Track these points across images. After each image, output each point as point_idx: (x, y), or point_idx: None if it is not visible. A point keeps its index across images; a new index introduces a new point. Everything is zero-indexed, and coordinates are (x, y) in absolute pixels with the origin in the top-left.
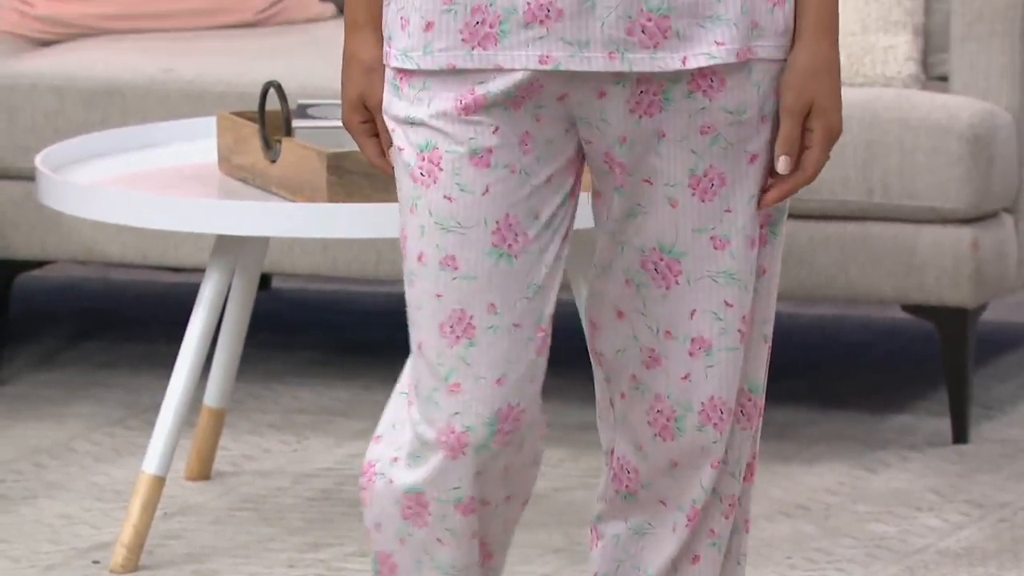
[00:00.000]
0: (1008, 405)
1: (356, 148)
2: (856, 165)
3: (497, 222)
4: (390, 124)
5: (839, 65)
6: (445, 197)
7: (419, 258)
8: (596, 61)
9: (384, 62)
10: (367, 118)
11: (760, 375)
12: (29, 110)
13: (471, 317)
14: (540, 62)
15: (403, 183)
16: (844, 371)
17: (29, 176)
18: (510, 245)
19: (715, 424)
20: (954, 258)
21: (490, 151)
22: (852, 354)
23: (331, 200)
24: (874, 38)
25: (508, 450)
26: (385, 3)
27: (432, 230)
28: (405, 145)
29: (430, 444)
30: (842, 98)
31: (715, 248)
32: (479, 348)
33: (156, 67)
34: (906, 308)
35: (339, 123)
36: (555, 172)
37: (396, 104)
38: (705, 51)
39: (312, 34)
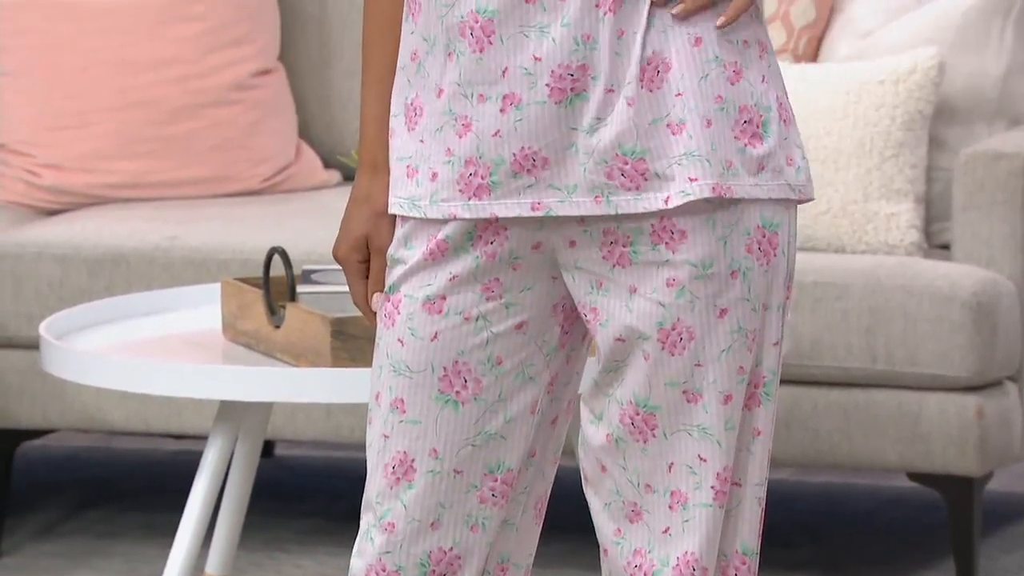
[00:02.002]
0: None
1: (360, 313)
2: (859, 332)
3: (445, 368)
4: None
5: None
6: (398, 340)
7: (376, 397)
8: (584, 205)
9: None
10: (365, 258)
11: (753, 538)
12: (34, 279)
13: (412, 461)
14: (532, 209)
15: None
16: (849, 540)
17: (34, 345)
18: (458, 392)
19: None
20: (959, 426)
21: (443, 298)
22: (857, 522)
23: (335, 365)
24: (876, 206)
25: None
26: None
27: (387, 372)
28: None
29: None
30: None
31: (688, 402)
32: (416, 491)
33: (160, 235)
34: (911, 476)
35: (344, 288)
36: (529, 320)
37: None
38: (681, 188)
39: (317, 201)
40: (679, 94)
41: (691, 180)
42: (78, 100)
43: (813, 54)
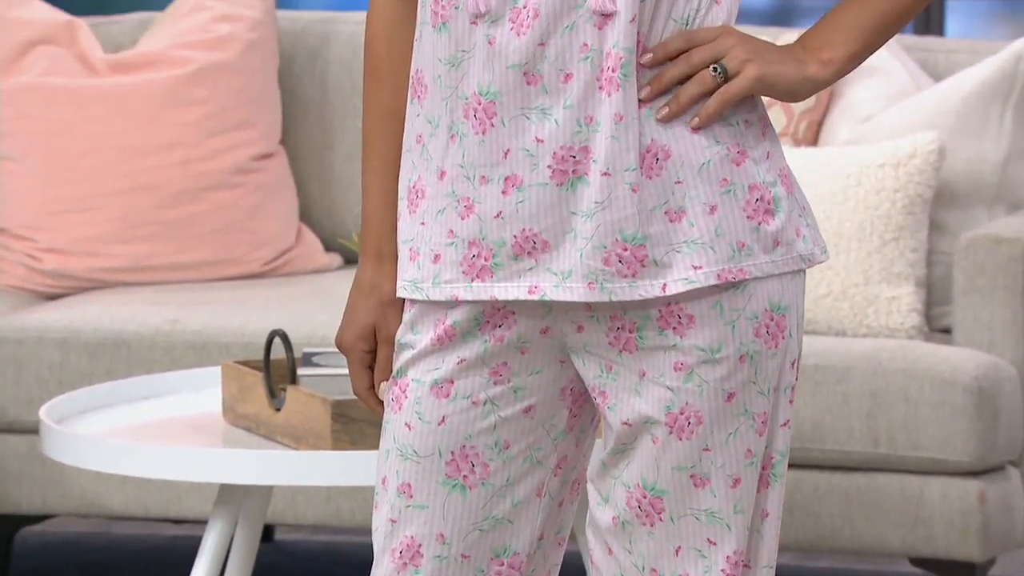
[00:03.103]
0: None
1: None
2: (861, 416)
3: (452, 452)
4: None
5: (807, 77)
6: (405, 424)
7: (383, 482)
8: (577, 291)
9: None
10: (372, 348)
11: None
12: (34, 363)
13: (420, 546)
14: (529, 292)
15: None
16: None
17: (34, 429)
18: (465, 476)
19: None
20: (961, 511)
21: (451, 382)
22: None
23: (335, 448)
24: (877, 289)
25: None
26: None
27: (394, 456)
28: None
29: None
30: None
31: (695, 486)
32: None
33: (162, 318)
34: (914, 562)
35: (345, 371)
36: (537, 404)
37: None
38: (683, 276)
39: (318, 284)
40: (679, 182)
41: (695, 268)
42: (80, 184)
43: (813, 138)
